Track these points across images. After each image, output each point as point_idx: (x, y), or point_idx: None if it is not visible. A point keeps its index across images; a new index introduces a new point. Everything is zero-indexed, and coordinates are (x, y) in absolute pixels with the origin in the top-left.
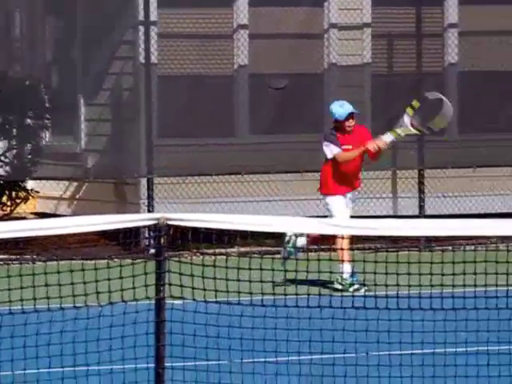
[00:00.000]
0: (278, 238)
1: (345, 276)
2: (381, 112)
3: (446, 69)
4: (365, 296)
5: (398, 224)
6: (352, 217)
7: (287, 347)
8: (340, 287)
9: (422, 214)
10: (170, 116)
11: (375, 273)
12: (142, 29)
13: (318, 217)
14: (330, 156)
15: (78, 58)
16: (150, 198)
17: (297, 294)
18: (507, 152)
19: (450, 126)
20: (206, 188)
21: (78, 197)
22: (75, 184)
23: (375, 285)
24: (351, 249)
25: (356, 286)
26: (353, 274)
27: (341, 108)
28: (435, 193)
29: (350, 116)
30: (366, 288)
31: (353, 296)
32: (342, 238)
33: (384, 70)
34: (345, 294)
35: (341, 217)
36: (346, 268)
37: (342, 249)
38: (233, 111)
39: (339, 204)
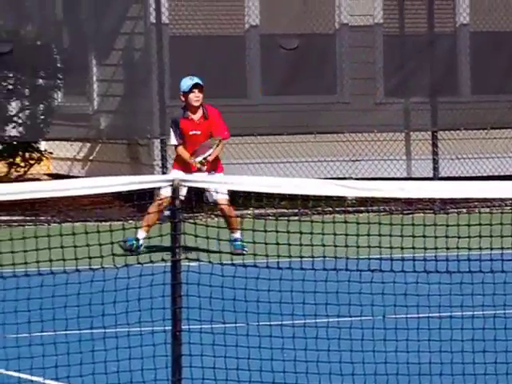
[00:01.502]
0: (292, 200)
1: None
2: (392, 73)
3: (458, 29)
4: (381, 259)
5: (411, 186)
6: (363, 178)
7: (303, 310)
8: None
9: (436, 177)
10: (182, 76)
11: (390, 235)
12: None
13: (330, 179)
14: (171, 143)
15: (89, 17)
16: (164, 159)
17: (312, 257)
18: None
19: (463, 87)
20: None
21: (91, 158)
22: (88, 145)
23: (390, 247)
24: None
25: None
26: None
27: (189, 80)
28: (449, 155)
29: (195, 87)
30: None
31: (369, 259)
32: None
33: (395, 31)
34: (361, 256)
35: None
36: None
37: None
38: (244, 72)
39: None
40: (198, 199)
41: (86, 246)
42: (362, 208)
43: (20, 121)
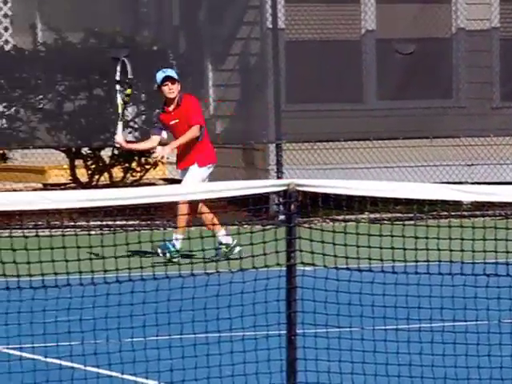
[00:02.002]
0: (407, 204)
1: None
2: (509, 77)
3: None
4: (496, 263)
5: None
6: (479, 183)
7: (418, 314)
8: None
9: None
10: (298, 81)
11: (506, 239)
12: None
13: (446, 183)
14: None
15: (206, 23)
16: (279, 163)
17: (427, 261)
18: None
19: None
20: (334, 154)
21: None
22: None
23: (506, 252)
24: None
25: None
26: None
27: (162, 73)
28: None
29: (167, 80)
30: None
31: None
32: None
33: None
34: (476, 260)
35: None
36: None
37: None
38: (360, 77)
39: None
40: (313, 204)
41: (201, 251)
42: (478, 212)
43: (136, 126)
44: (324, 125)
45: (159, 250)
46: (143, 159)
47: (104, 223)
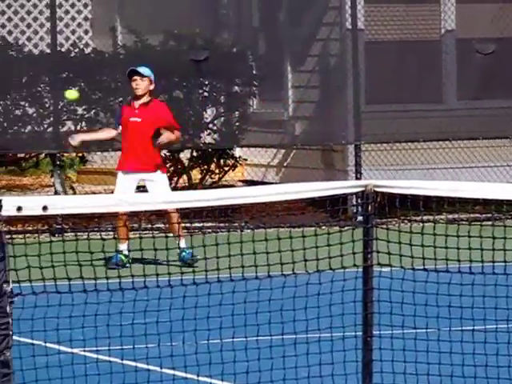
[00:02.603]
0: (487, 204)
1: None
2: None
3: None
4: None
5: None
6: None
7: (495, 315)
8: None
9: None
10: (377, 82)
11: None
12: None
13: None
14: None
15: (285, 24)
16: (358, 164)
17: (505, 261)
18: None
19: None
20: (413, 154)
21: (285, 164)
22: (283, 151)
23: None
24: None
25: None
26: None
27: (132, 68)
28: None
29: (134, 74)
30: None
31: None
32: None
33: None
34: None
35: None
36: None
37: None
38: (440, 77)
39: (119, 181)
40: (390, 204)
41: (277, 252)
42: None
43: (215, 128)
44: (403, 125)
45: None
46: (222, 161)
47: (182, 225)
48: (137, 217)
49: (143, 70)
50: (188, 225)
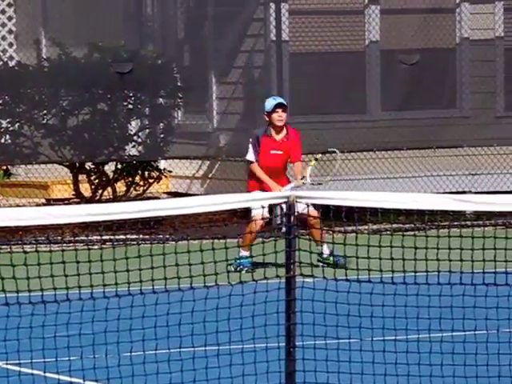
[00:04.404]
0: (410, 215)
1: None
2: None
3: None
4: (495, 272)
5: None
6: (482, 192)
7: (417, 325)
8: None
9: None
10: (301, 93)
11: (506, 249)
12: (272, 6)
13: (449, 193)
14: (248, 158)
15: (210, 36)
16: None
17: (427, 271)
18: None
19: None
20: (337, 165)
21: (210, 176)
22: (207, 163)
23: (506, 261)
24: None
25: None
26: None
27: (273, 100)
28: None
29: (278, 106)
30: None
31: (483, 272)
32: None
33: None
34: (475, 270)
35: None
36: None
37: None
38: (364, 88)
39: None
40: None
41: (200, 264)
42: (478, 222)
43: (140, 140)
44: (327, 136)
45: (232, 268)
46: (146, 173)
47: (105, 237)
48: (61, 229)
49: (283, 100)
50: (111, 237)
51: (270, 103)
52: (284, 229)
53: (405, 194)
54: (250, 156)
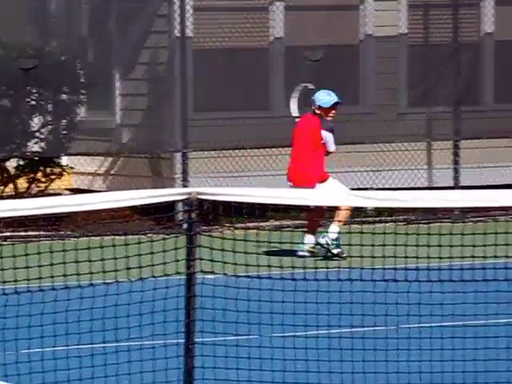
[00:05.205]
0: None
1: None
2: (416, 83)
3: (483, 38)
4: (395, 269)
5: (429, 196)
6: (385, 188)
7: (317, 321)
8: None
9: (457, 186)
10: (205, 90)
11: (406, 245)
12: (177, 2)
13: (352, 189)
14: (332, 149)
15: (114, 32)
16: (185, 172)
17: (327, 268)
18: None
19: (485, 96)
20: (240, 162)
21: (113, 172)
22: (110, 159)
23: (405, 257)
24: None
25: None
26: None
27: (328, 96)
28: (471, 164)
29: (336, 105)
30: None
31: (384, 269)
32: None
33: (420, 41)
34: (376, 266)
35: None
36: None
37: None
38: (268, 84)
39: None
40: (215, 212)
41: (100, 261)
42: (378, 218)
43: (42, 136)
44: (231, 133)
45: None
46: (48, 169)
47: (5, 234)
48: None
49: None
50: (12, 234)
51: (326, 99)
52: (185, 225)
53: (306, 190)
54: (333, 147)
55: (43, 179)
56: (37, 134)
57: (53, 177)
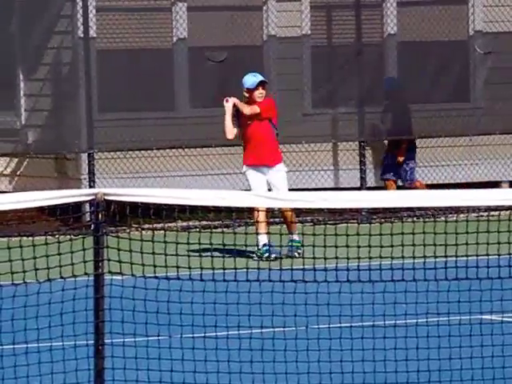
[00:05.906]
0: (217, 212)
1: (260, 246)
2: (320, 84)
3: (386, 39)
4: (303, 269)
5: (334, 196)
6: (291, 189)
7: (226, 321)
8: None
9: (363, 186)
10: (110, 90)
11: (313, 246)
12: (79, 2)
13: None
14: (245, 111)
15: (17, 32)
16: (91, 173)
17: (235, 268)
18: (447, 123)
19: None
20: (146, 162)
21: (18, 173)
22: (16, 160)
23: (314, 258)
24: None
25: (270, 256)
26: (269, 246)
27: (253, 77)
28: (377, 165)
29: (260, 84)
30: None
31: (291, 269)
32: (257, 210)
33: (323, 42)
34: (282, 267)
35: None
36: (261, 239)
37: (257, 221)
38: (172, 85)
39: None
40: (122, 213)
41: (8, 262)
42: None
43: None
44: (136, 133)
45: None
46: None
47: None
48: None
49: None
50: None
51: (250, 80)
52: (92, 226)
53: (210, 191)
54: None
55: None
56: None
57: None
